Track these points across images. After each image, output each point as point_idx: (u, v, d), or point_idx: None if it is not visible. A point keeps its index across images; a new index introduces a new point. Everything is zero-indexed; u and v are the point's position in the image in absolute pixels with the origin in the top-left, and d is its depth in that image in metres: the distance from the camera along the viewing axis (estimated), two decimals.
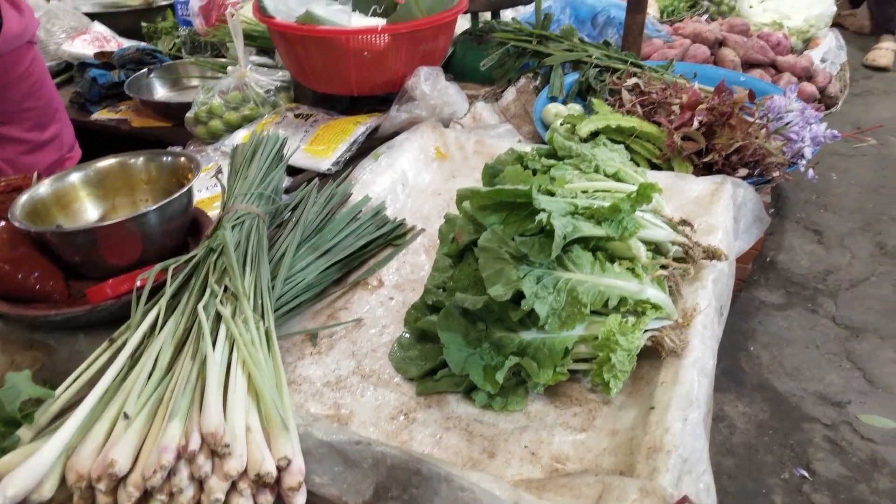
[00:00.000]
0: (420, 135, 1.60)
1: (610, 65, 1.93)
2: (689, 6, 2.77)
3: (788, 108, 1.56)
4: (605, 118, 1.54)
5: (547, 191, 1.07)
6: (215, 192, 1.61)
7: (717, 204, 1.35)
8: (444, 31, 1.84)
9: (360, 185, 1.44)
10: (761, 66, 2.31)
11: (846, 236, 2.76)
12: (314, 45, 1.73)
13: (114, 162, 1.29)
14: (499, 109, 1.95)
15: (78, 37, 2.45)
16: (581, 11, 2.30)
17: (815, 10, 2.81)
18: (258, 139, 1.36)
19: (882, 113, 3.71)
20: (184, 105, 2.00)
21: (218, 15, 2.36)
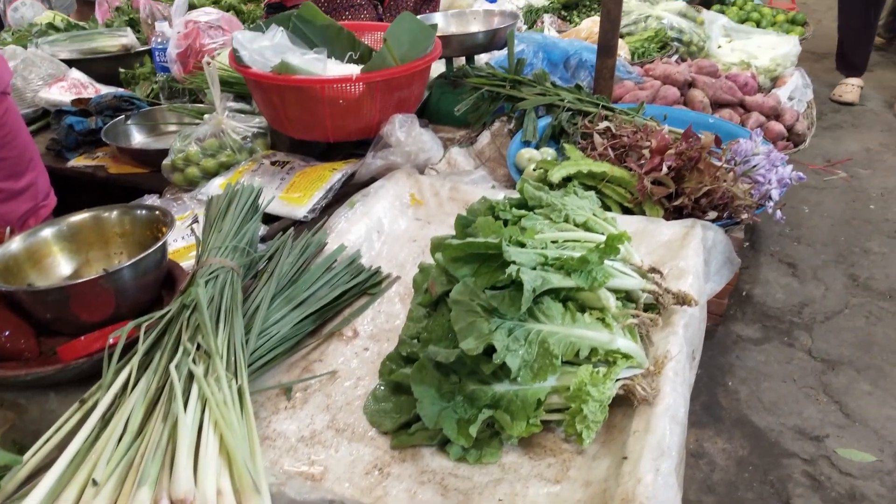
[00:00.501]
0: (395, 182, 1.62)
1: (582, 108, 1.97)
2: (659, 48, 2.84)
3: (755, 151, 1.60)
4: (576, 164, 1.57)
5: (517, 242, 1.09)
6: (191, 241, 1.61)
7: (688, 248, 1.37)
8: (419, 78, 1.87)
9: (335, 233, 1.45)
10: (730, 106, 2.37)
11: (819, 269, 2.80)
12: (290, 94, 1.75)
13: (87, 216, 1.29)
14: (474, 153, 1.98)
15: (55, 84, 2.45)
16: (553, 55, 2.34)
17: (781, 49, 2.89)
18: (233, 191, 1.37)
19: (850, 146, 3.79)
20: (161, 151, 2.00)
21: (195, 62, 2.38)
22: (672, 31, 2.91)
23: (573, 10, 3.51)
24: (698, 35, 2.95)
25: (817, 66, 4.93)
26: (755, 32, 3.20)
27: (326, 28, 2.07)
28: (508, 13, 2.33)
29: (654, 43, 2.84)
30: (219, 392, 0.92)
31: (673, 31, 2.91)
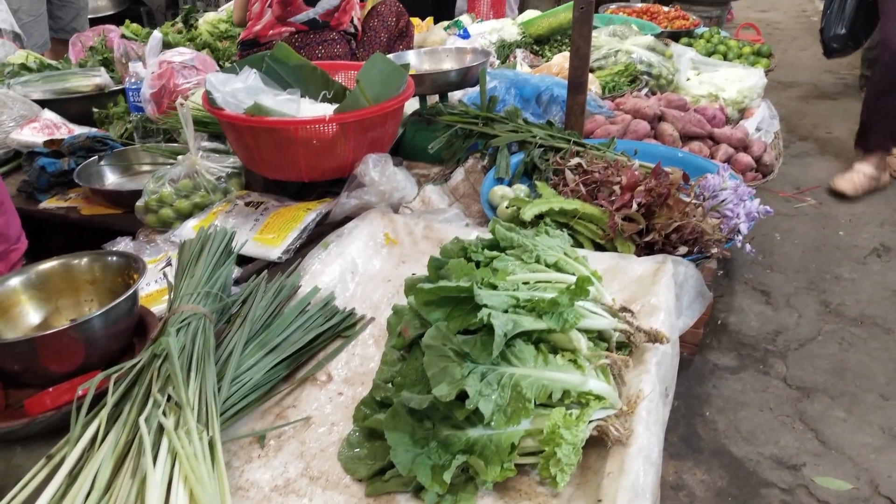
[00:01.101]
0: (369, 221, 1.63)
1: (554, 144, 2.00)
2: (629, 81, 2.89)
3: (723, 185, 1.63)
4: (548, 201, 1.59)
5: (489, 284, 1.10)
6: (164, 284, 1.60)
7: (659, 284, 1.39)
8: (392, 117, 1.89)
9: (309, 275, 1.45)
10: (700, 139, 2.42)
11: (792, 296, 2.84)
12: (263, 135, 1.76)
13: (56, 264, 1.28)
14: (448, 190, 2.00)
15: (27, 125, 2.44)
16: (525, 90, 2.38)
17: (748, 82, 2.96)
18: (206, 235, 1.37)
19: (818, 173, 3.87)
20: (134, 192, 2.00)
21: (169, 101, 2.39)
22: (642, 65, 2.97)
23: (545, 44, 3.58)
24: (667, 68, 3.01)
25: (784, 95, 5.04)
26: (722, 65, 3.27)
27: (300, 68, 2.09)
28: (480, 51, 2.37)
29: (625, 77, 2.89)
30: (189, 445, 0.91)
31: (642, 64, 2.97)
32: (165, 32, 3.69)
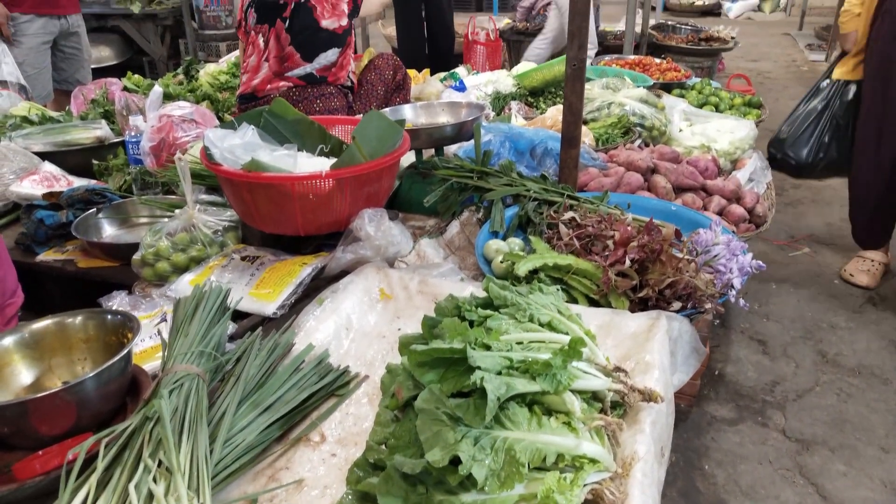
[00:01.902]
0: (364, 277, 1.64)
1: (547, 198, 2.02)
2: (622, 133, 2.94)
3: (715, 240, 1.64)
4: (542, 257, 1.60)
5: (483, 344, 1.10)
6: (159, 340, 1.59)
7: (653, 340, 1.39)
8: (388, 172, 1.92)
9: (304, 332, 1.45)
10: (692, 190, 2.44)
11: (789, 345, 2.83)
12: (260, 191, 1.78)
13: (50, 323, 1.28)
14: (443, 243, 2.01)
15: (27, 177, 2.47)
16: (520, 144, 2.42)
17: (739, 133, 3.01)
18: (200, 293, 1.37)
19: (812, 221, 3.90)
20: (131, 245, 2.01)
21: (168, 154, 2.42)
22: (634, 117, 3.02)
23: (539, 96, 3.64)
24: (660, 120, 3.06)
25: None
26: (714, 116, 3.33)
27: (297, 122, 2.13)
28: (475, 105, 2.41)
29: (618, 129, 2.94)
30: None
31: (635, 116, 3.02)
32: (166, 84, 3.76)
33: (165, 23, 6.45)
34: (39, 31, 3.74)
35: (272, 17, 2.93)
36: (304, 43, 2.92)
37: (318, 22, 2.91)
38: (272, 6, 2.93)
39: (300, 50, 2.92)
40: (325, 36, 2.93)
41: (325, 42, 2.94)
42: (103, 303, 1.77)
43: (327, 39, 2.94)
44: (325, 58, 2.95)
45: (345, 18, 2.97)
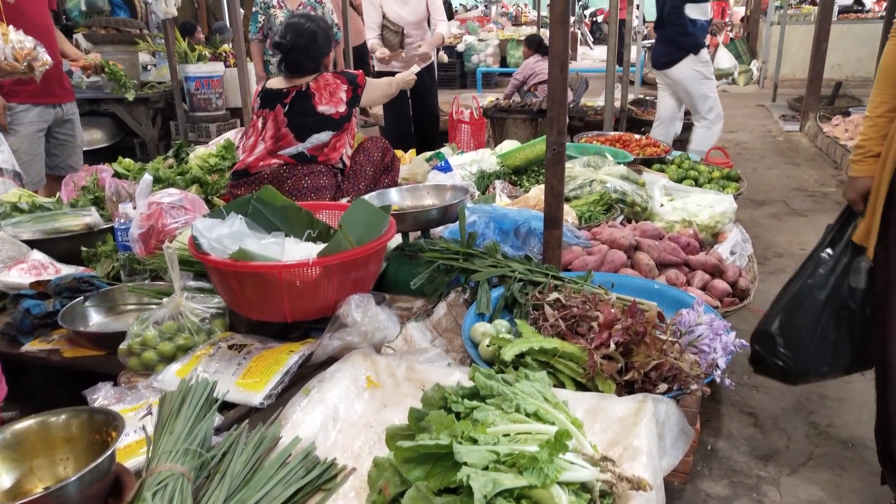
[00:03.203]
0: (351, 364, 1.64)
1: (532, 278, 2.04)
2: (604, 210, 3.00)
3: (698, 320, 1.66)
4: (528, 341, 1.61)
5: (470, 438, 1.10)
6: (143, 435, 1.57)
7: (641, 425, 1.39)
8: (375, 257, 1.94)
9: (290, 424, 1.44)
10: (675, 266, 2.48)
11: (780, 417, 2.82)
12: (248, 279, 1.80)
13: (32, 423, 1.27)
14: (431, 325, 2.02)
15: (14, 266, 2.47)
16: (504, 224, 2.46)
17: (719, 207, 3.08)
18: (186, 387, 1.37)
19: None
20: (117, 334, 2.01)
21: (157, 241, 2.44)
22: (616, 194, 3.09)
23: (522, 175, 3.73)
24: (641, 196, 3.13)
25: (757, 213, 5.22)
26: (694, 191, 3.41)
27: (285, 209, 2.17)
28: (460, 187, 2.47)
29: (600, 206, 3.00)
30: None
31: (617, 193, 3.09)
32: (156, 168, 3.82)
33: (157, 106, 6.60)
34: (35, 120, 3.82)
35: (274, 103, 3.11)
36: (299, 125, 3.05)
37: (314, 107, 3.06)
38: (276, 94, 3.12)
39: (294, 131, 3.06)
40: (320, 119, 3.07)
41: (318, 124, 3.07)
42: (88, 395, 1.75)
43: (321, 122, 3.07)
44: (317, 138, 3.07)
45: (343, 106, 3.09)
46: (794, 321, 2.21)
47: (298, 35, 3.04)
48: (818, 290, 2.16)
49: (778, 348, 2.27)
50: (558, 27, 2.01)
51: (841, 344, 2.21)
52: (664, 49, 4.97)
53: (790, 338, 2.22)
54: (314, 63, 3.12)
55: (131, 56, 6.64)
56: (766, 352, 2.27)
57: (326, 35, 3.14)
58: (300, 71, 3.12)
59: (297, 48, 3.05)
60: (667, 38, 4.92)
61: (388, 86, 3.51)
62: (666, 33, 4.91)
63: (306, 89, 3.08)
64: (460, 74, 12.39)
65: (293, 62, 3.09)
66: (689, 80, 4.91)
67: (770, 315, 2.25)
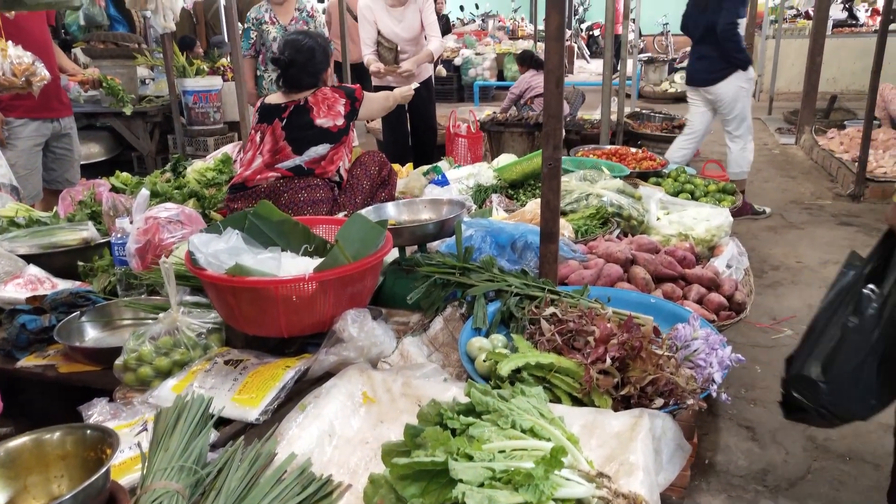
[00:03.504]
0: (348, 380, 1.64)
1: (529, 293, 2.05)
2: (600, 224, 3.01)
3: (694, 335, 1.66)
4: (524, 356, 1.61)
5: (465, 455, 1.10)
6: (138, 451, 1.57)
7: (637, 440, 1.39)
8: (371, 272, 1.95)
9: (286, 440, 1.43)
10: (672, 280, 2.49)
11: (778, 431, 2.82)
12: (244, 294, 1.80)
13: (27, 440, 1.27)
14: (427, 340, 2.02)
15: (11, 281, 2.47)
16: (501, 238, 2.47)
17: (715, 221, 3.09)
18: (182, 403, 1.37)
19: (793, 303, 3.95)
20: (113, 350, 2.00)
21: (154, 256, 2.44)
22: (612, 208, 3.10)
23: (519, 188, 3.74)
24: (637, 210, 3.15)
25: (754, 226, 5.23)
26: (690, 205, 3.42)
27: (282, 223, 2.17)
28: (456, 202, 2.48)
29: (596, 220, 3.01)
30: None
31: (613, 207, 3.11)
32: (154, 182, 3.83)
33: (155, 119, 6.61)
34: (33, 134, 3.84)
35: (272, 117, 3.14)
36: (297, 138, 3.08)
37: (313, 121, 3.09)
38: (274, 108, 3.15)
39: (292, 144, 3.09)
40: (318, 132, 3.10)
41: (316, 137, 3.10)
42: (83, 411, 1.75)
43: (319, 135, 3.10)
44: (314, 151, 3.10)
45: (341, 119, 3.13)
46: (838, 365, 1.97)
47: (296, 51, 3.07)
48: (867, 332, 1.92)
49: (822, 395, 2.00)
50: (554, 43, 2.02)
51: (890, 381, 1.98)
52: (710, 65, 4.86)
53: (836, 383, 1.97)
54: (312, 78, 3.15)
55: (129, 70, 6.66)
56: (808, 399, 2.01)
57: (324, 51, 3.18)
58: (298, 87, 3.15)
59: (295, 64, 3.08)
60: (715, 54, 4.80)
61: (386, 100, 3.54)
62: (714, 49, 4.79)
63: (304, 103, 3.11)
64: (457, 88, 12.45)
65: (291, 78, 3.12)
66: (733, 97, 4.86)
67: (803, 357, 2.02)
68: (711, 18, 4.70)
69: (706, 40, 4.82)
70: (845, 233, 5.09)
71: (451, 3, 18.77)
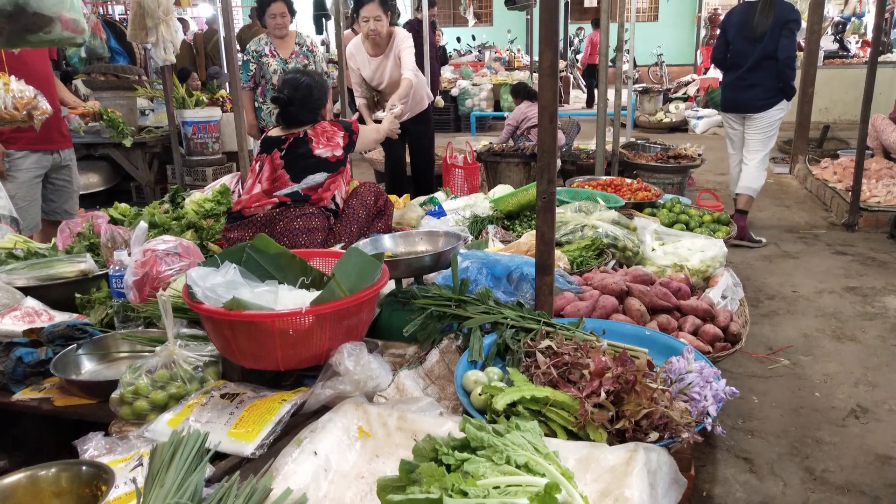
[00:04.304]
0: (343, 414, 1.64)
1: (524, 325, 2.06)
2: (596, 255, 3.04)
3: (688, 368, 1.67)
4: (519, 390, 1.62)
5: (460, 491, 1.10)
6: (133, 487, 1.56)
7: (632, 474, 1.39)
8: (367, 305, 1.96)
9: (281, 476, 1.43)
10: (667, 311, 2.50)
11: (775, 462, 2.81)
12: (241, 328, 1.81)
13: (22, 477, 1.27)
14: (423, 373, 2.03)
15: (8, 314, 2.48)
16: (496, 270, 2.49)
17: (710, 252, 3.11)
18: (178, 439, 1.37)
19: (789, 332, 3.96)
20: (109, 383, 2.00)
21: (151, 289, 2.45)
22: (607, 239, 3.12)
23: (515, 219, 3.77)
24: (632, 241, 3.17)
25: (749, 255, 5.26)
26: (685, 235, 3.45)
27: (279, 256, 2.19)
28: (452, 234, 2.50)
29: (592, 251, 3.04)
30: None
31: (608, 238, 3.13)
32: (152, 213, 3.85)
33: (154, 150, 6.67)
34: (33, 166, 3.87)
35: (271, 148, 3.23)
36: (295, 165, 3.15)
37: (311, 151, 3.19)
38: (274, 140, 3.24)
39: (290, 171, 3.17)
40: (316, 161, 3.18)
41: (314, 166, 3.19)
42: (79, 446, 1.74)
43: (316, 164, 3.19)
44: (312, 179, 3.18)
45: (339, 150, 3.22)
46: None
47: (294, 89, 3.17)
48: None
49: None
50: (547, 79, 2.06)
51: None
52: (762, 92, 5.11)
53: None
54: (312, 115, 3.26)
55: (129, 101, 6.74)
56: None
57: (321, 88, 3.28)
58: (298, 123, 3.23)
59: (293, 102, 3.18)
60: (768, 82, 5.07)
61: (376, 132, 3.67)
62: (768, 77, 5.05)
63: (304, 136, 3.18)
64: (454, 118, 12.58)
65: (290, 115, 3.23)
66: (773, 122, 5.21)
67: None
68: (768, 48, 4.95)
69: (758, 69, 5.06)
70: (840, 262, 5.12)
71: (449, 34, 19.05)
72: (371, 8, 4.58)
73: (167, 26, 5.38)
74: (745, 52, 5.11)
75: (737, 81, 5.23)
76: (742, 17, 5.11)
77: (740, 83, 5.20)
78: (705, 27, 17.87)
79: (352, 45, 5.00)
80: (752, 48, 5.05)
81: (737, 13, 5.27)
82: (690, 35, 20.28)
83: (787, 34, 4.93)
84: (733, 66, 5.24)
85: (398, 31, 4.91)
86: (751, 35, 5.03)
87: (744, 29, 5.06)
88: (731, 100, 5.36)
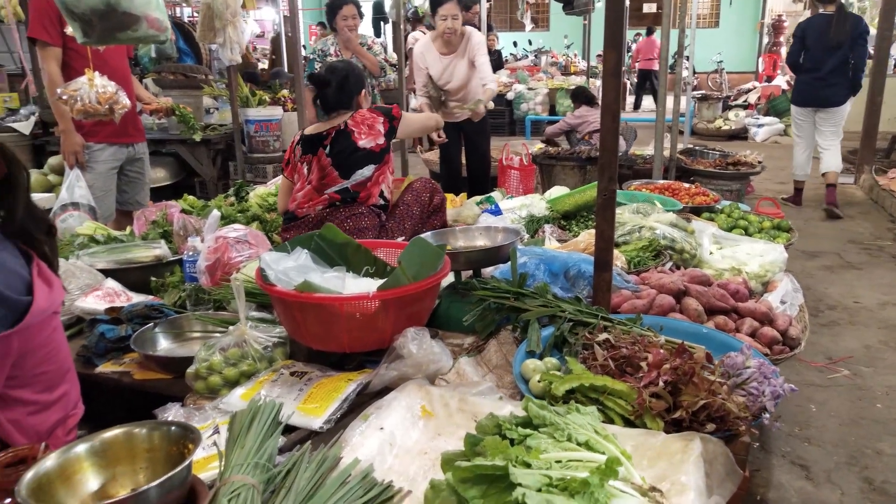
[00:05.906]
0: (407, 394, 1.71)
1: (582, 319, 2.10)
2: (653, 256, 3.04)
3: (746, 363, 1.69)
4: (578, 378, 1.66)
5: (523, 462, 1.16)
6: (211, 451, 1.66)
7: (688, 462, 1.42)
8: (430, 293, 2.03)
9: (349, 447, 1.51)
10: (724, 313, 2.50)
11: (833, 471, 2.77)
12: (310, 310, 1.90)
13: (119, 432, 1.37)
14: (481, 361, 2.09)
15: (91, 293, 2.64)
16: (554, 266, 2.53)
17: (769, 257, 3.09)
18: (256, 407, 1.46)
19: (850, 343, 3.89)
20: (184, 359, 2.12)
21: (222, 274, 2.58)
22: (665, 241, 3.13)
23: (572, 219, 3.80)
24: (690, 244, 3.17)
25: (809, 264, 5.16)
26: (743, 240, 3.42)
27: (345, 246, 2.29)
28: (511, 230, 2.56)
29: (649, 252, 3.05)
30: None
31: (665, 240, 3.13)
32: (219, 205, 4.02)
33: (218, 147, 6.90)
34: (109, 159, 4.08)
35: (315, 147, 3.23)
36: (343, 163, 3.16)
37: (355, 143, 3.16)
38: (315, 138, 3.23)
39: (338, 169, 3.17)
40: (362, 154, 3.18)
41: (361, 160, 3.18)
42: (158, 414, 1.86)
43: (364, 157, 3.18)
44: (360, 174, 3.17)
45: (381, 138, 3.21)
46: None
47: (331, 72, 3.24)
48: None
49: None
50: (611, 79, 2.10)
51: None
52: (840, 90, 6.29)
53: None
54: (347, 98, 3.26)
55: (196, 100, 6.99)
56: None
57: (357, 75, 3.33)
58: (336, 105, 3.26)
59: (330, 84, 3.21)
60: (843, 82, 6.24)
61: (428, 120, 3.71)
62: (843, 78, 6.22)
63: (344, 127, 3.18)
64: (509, 122, 12.62)
65: (328, 98, 3.26)
66: (845, 114, 6.45)
67: None
68: (846, 55, 6.13)
69: (836, 72, 6.22)
70: None
71: (504, 39, 19.09)
72: (449, 6, 4.79)
73: (234, 27, 5.58)
74: (822, 58, 6.19)
75: (815, 81, 6.33)
76: (820, 28, 6.19)
77: (819, 83, 6.28)
78: (768, 34, 17.45)
79: (420, 44, 5.10)
80: (829, 55, 6.14)
81: (815, 24, 6.32)
82: (752, 42, 19.85)
83: (862, 43, 6.14)
84: (809, 69, 6.34)
85: (473, 32, 5.01)
86: (829, 44, 6.12)
87: (822, 38, 6.14)
88: (809, 96, 6.45)
